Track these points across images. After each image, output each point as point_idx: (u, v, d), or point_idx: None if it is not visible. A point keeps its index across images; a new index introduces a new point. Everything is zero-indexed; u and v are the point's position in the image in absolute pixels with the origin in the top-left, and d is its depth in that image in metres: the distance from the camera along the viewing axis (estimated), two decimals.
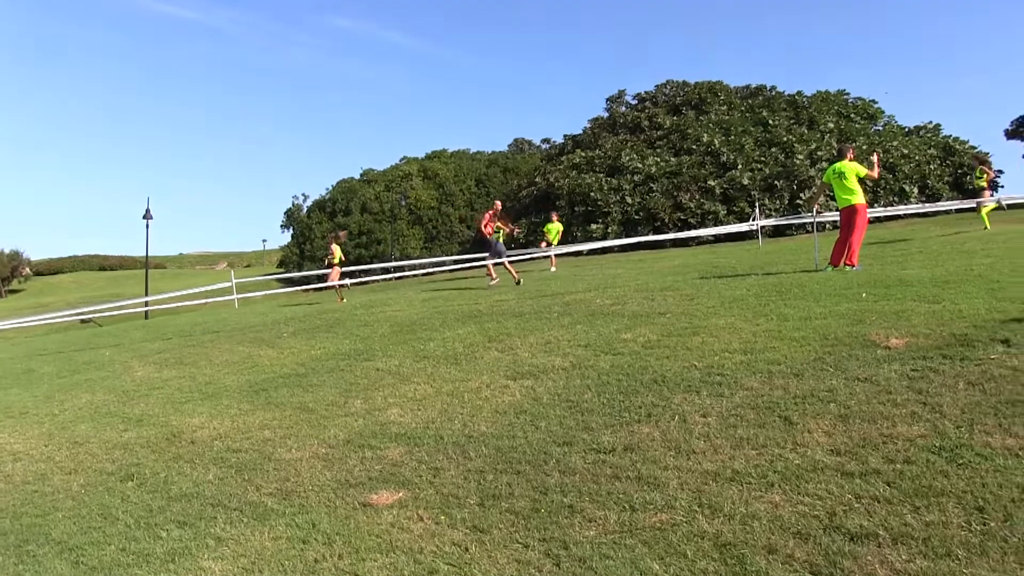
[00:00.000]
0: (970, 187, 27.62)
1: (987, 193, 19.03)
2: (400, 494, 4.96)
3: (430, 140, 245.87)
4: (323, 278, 23.82)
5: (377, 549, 4.28)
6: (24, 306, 57.00)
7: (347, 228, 27.89)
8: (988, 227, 17.75)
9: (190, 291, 26.44)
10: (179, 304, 26.66)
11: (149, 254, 42.31)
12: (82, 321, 31.67)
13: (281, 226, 55.32)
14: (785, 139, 36.95)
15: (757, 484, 4.30)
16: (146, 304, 28.17)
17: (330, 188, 53.64)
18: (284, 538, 4.62)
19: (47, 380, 11.97)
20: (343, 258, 23.00)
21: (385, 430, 6.26)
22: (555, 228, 24.88)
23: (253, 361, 10.28)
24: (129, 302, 28.08)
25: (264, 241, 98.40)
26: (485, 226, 20.63)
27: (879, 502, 3.89)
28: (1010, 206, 24.25)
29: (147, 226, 38.93)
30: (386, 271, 30.35)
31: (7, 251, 79.42)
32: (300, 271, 36.08)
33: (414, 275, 25.33)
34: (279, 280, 41.35)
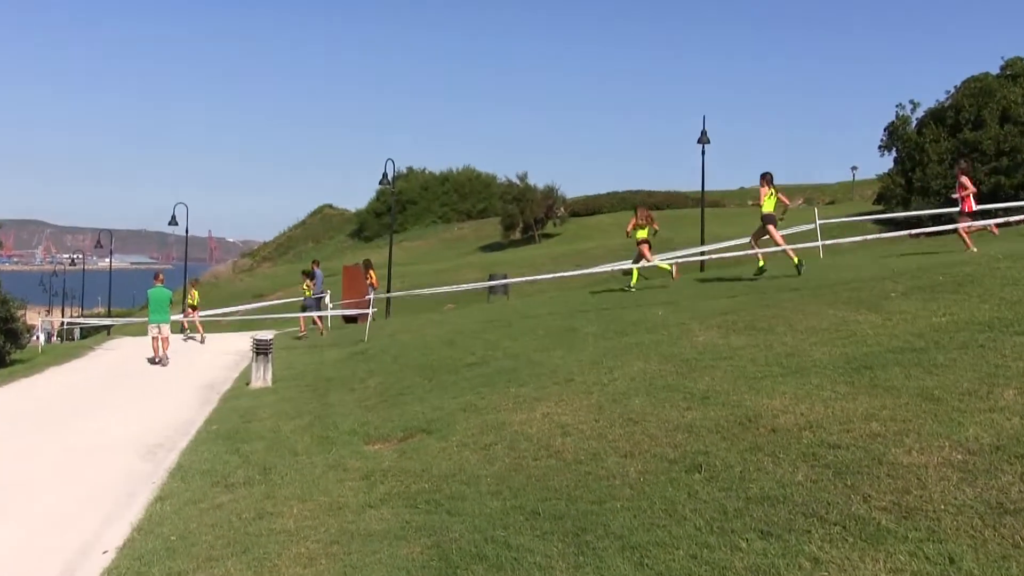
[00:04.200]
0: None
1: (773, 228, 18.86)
2: None
3: None
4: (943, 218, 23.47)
5: None
6: (560, 253, 64.94)
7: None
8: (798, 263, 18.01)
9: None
10: (742, 253, 27.86)
11: (705, 188, 45.01)
12: (623, 272, 34.93)
13: (880, 147, 54.37)
14: None
15: None
16: (702, 253, 30.02)
17: (952, 91, 51.32)
18: (907, 572, 4.61)
19: (592, 342, 13.47)
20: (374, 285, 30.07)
21: None
22: None
23: (849, 328, 10.40)
24: (683, 252, 29.95)
25: (854, 169, 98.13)
26: None
27: None
28: None
29: (702, 151, 41.27)
30: None
31: (540, 187, 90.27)
32: (907, 209, 35.24)
33: None
34: (876, 221, 40.96)
